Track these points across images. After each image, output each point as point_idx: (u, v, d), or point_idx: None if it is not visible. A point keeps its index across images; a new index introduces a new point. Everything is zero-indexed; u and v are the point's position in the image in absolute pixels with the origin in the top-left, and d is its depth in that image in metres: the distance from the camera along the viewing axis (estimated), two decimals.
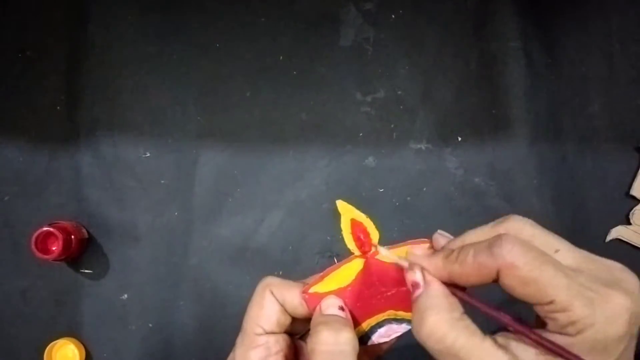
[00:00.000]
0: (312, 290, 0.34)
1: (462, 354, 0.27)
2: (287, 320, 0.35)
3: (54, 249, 0.53)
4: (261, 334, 0.34)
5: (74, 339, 0.56)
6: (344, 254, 0.38)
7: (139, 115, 0.58)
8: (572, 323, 0.27)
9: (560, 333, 0.27)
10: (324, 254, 0.58)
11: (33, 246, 0.52)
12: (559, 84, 0.61)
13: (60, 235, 0.52)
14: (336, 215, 0.35)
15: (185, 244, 0.58)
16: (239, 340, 0.35)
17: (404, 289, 0.33)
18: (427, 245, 0.34)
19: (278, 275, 0.58)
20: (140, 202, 0.57)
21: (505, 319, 0.29)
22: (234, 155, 0.58)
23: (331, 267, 0.35)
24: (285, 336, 0.35)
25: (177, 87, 0.59)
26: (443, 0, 0.60)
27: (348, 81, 0.59)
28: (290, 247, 0.58)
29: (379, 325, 0.35)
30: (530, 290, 0.27)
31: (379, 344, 0.35)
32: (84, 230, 0.56)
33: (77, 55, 0.58)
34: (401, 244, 0.35)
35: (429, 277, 0.31)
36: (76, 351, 0.55)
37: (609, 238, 0.59)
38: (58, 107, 0.58)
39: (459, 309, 0.29)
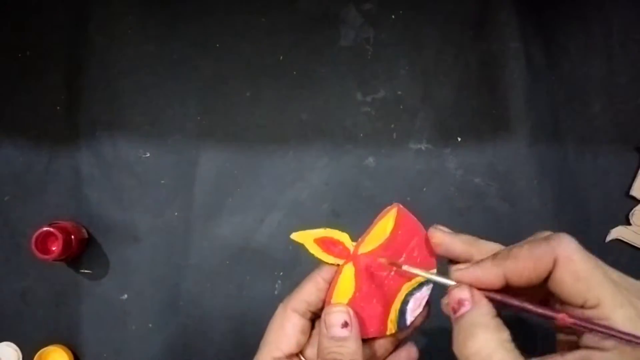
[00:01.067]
0: None
1: None
2: (305, 339, 0.36)
3: (54, 249, 0.53)
4: (280, 358, 0.35)
5: (63, 346, 0.55)
6: None
7: (139, 115, 0.58)
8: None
9: (597, 348, 0.27)
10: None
11: (33, 246, 0.52)
12: (559, 84, 0.61)
13: (60, 235, 0.52)
14: (299, 246, 0.36)
15: (185, 244, 0.58)
16: None
17: (401, 259, 0.35)
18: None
19: (278, 276, 0.58)
20: (140, 202, 0.57)
21: (559, 314, 0.28)
22: (234, 155, 0.58)
23: (329, 289, 0.36)
24: (300, 357, 0.36)
25: (177, 87, 0.59)
26: (443, 0, 0.60)
27: (348, 81, 0.59)
28: (290, 247, 0.58)
29: (405, 302, 0.35)
30: (581, 287, 0.27)
31: (418, 319, 0.36)
32: (84, 230, 0.56)
33: (77, 55, 0.58)
34: (371, 225, 0.36)
35: (477, 296, 0.30)
36: (65, 357, 0.55)
37: (609, 238, 0.59)
38: (58, 107, 0.58)
39: (506, 330, 0.29)
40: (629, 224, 0.59)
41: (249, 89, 0.59)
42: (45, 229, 0.52)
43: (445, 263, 0.35)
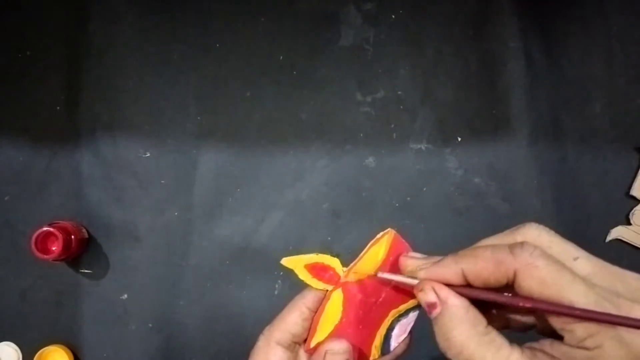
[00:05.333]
0: (313, 344, 0.35)
1: None
2: None
3: (54, 249, 0.53)
4: None
5: (63, 346, 0.55)
6: (345, 254, 0.38)
7: (139, 115, 0.58)
8: (591, 335, 0.26)
9: (579, 347, 0.26)
10: (324, 254, 0.58)
11: (33, 246, 0.52)
12: (559, 84, 0.61)
13: (60, 235, 0.52)
14: (289, 271, 0.36)
15: (185, 244, 0.58)
16: None
17: (389, 287, 0.35)
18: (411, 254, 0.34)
19: (278, 276, 0.58)
20: (140, 202, 0.57)
21: (517, 299, 0.28)
22: (234, 155, 0.58)
23: (316, 315, 0.35)
24: None
25: (177, 87, 0.59)
26: (443, 0, 0.60)
27: (348, 81, 0.59)
28: (290, 247, 0.58)
29: (391, 329, 0.35)
30: (550, 293, 0.27)
31: (400, 345, 0.36)
32: (84, 230, 0.56)
33: (77, 55, 0.58)
34: (363, 251, 0.36)
35: (443, 294, 0.30)
36: (65, 357, 0.55)
37: (609, 238, 0.59)
38: (58, 107, 0.58)
39: (482, 322, 0.29)
40: (629, 224, 0.59)
41: (249, 89, 0.59)
42: (45, 229, 0.52)
43: None
